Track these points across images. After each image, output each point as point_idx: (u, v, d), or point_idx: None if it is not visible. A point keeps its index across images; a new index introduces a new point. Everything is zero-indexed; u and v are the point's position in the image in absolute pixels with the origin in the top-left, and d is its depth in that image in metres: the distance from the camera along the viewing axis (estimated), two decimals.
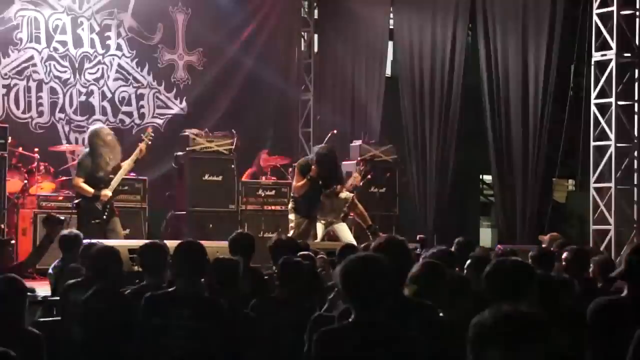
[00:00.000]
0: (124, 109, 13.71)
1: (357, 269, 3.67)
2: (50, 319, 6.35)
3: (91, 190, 9.62)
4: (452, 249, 6.97)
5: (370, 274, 3.65)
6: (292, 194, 10.91)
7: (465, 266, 5.83)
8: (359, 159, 12.90)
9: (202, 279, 5.01)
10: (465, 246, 7.30)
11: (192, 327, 4.61)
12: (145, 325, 4.83)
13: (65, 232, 7.45)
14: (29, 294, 4.61)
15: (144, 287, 5.70)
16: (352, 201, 10.40)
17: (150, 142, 10.12)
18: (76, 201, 9.87)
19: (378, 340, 3.61)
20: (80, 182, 9.66)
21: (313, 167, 10.17)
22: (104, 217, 9.64)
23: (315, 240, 9.98)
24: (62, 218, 7.51)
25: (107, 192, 9.68)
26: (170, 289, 4.98)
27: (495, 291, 4.12)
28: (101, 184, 9.70)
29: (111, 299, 5.41)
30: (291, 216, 10.49)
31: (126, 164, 9.94)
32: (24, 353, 3.82)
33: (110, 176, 9.78)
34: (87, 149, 9.83)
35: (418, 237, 8.90)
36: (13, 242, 9.94)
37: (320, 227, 10.39)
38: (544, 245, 9.19)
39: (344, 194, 10.35)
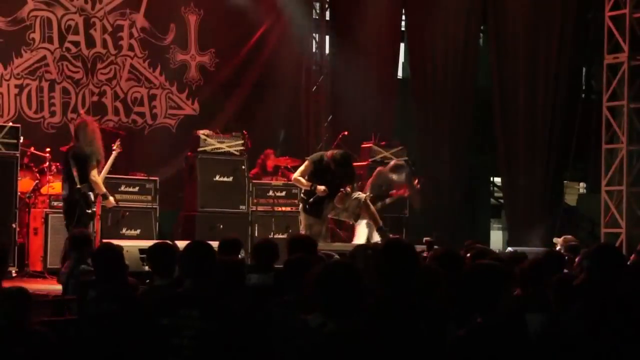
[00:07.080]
0: (137, 109, 13.73)
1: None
2: (62, 318, 6.37)
3: (104, 189, 9.65)
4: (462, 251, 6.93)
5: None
6: (300, 192, 10.88)
7: None
8: (370, 160, 12.93)
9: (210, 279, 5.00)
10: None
11: (201, 328, 4.61)
12: (154, 325, 4.83)
13: (74, 231, 7.48)
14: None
15: (154, 287, 5.71)
16: (365, 202, 10.36)
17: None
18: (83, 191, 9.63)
19: None
20: (98, 178, 9.63)
21: (331, 163, 10.03)
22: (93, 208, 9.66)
23: (328, 242, 9.95)
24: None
25: (111, 200, 9.83)
26: (179, 289, 4.98)
27: None
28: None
29: (119, 299, 5.42)
30: (301, 217, 10.46)
31: (108, 165, 9.98)
32: (31, 353, 3.84)
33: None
34: (87, 140, 9.65)
35: (425, 239, 8.86)
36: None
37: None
38: (558, 248, 9.18)
39: (357, 195, 10.29)
